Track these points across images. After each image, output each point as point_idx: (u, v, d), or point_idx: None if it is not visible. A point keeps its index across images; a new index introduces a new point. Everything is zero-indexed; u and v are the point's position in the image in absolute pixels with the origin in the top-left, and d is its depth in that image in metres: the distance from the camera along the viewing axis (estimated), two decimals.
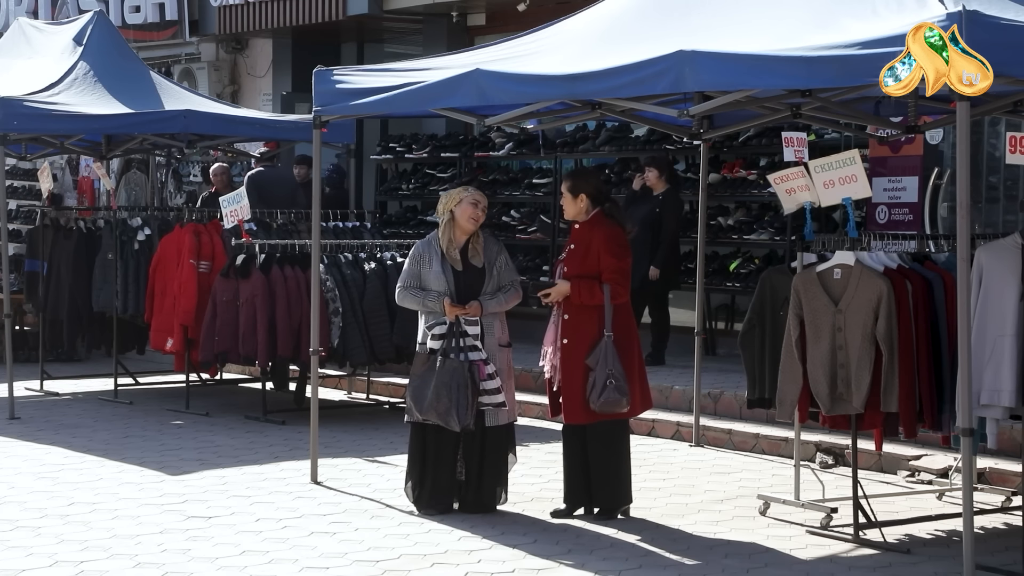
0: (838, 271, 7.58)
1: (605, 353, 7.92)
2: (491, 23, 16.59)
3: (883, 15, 6.75)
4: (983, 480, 8.91)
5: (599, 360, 7.92)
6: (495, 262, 8.24)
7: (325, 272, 11.15)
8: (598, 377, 7.90)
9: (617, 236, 8.16)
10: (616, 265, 8.05)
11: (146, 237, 12.79)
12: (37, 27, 14.49)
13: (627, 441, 8.26)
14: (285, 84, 18.95)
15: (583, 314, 8.02)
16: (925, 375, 7.48)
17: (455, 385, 7.97)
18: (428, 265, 8.20)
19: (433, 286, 8.18)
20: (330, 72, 9.11)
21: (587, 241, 8.08)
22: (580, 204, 8.15)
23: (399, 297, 8.37)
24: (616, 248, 8.09)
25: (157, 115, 12.67)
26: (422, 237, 8.62)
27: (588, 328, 8.01)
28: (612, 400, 7.90)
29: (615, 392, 7.89)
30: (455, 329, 8.06)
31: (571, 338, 8.04)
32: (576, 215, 8.19)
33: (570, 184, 8.22)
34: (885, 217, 12.34)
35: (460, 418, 7.98)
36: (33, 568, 7.08)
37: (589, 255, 8.05)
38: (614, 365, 7.91)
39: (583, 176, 8.47)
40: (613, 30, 8.08)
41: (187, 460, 9.88)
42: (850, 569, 7.22)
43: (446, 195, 8.34)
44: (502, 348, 8.23)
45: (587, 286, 7.99)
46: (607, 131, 14.76)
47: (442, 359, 8.03)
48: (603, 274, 8.01)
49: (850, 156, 8.01)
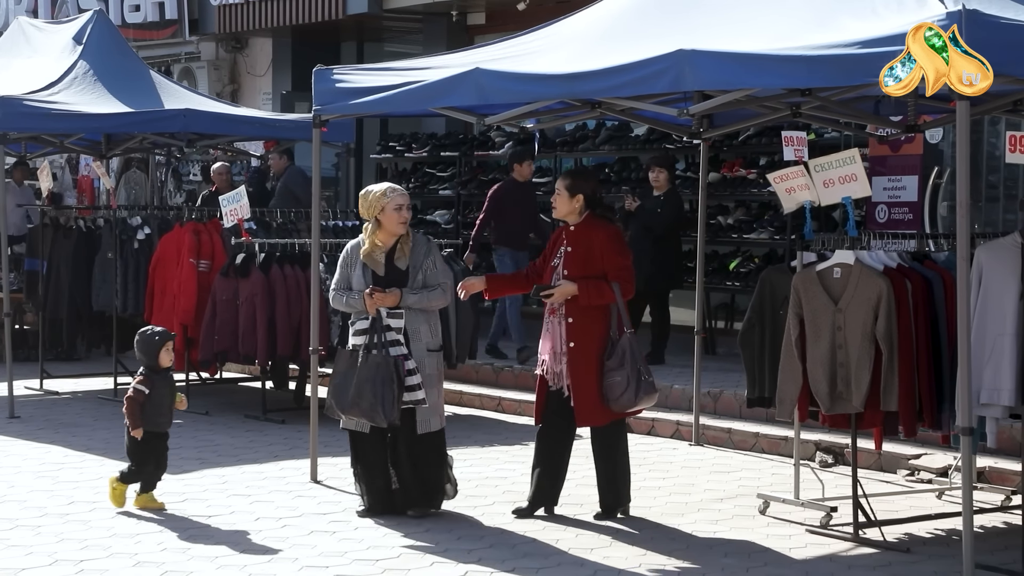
0: (838, 270, 7.58)
1: (631, 350, 7.89)
2: (491, 22, 16.60)
3: (883, 14, 6.75)
4: (983, 479, 8.91)
5: (625, 358, 7.87)
6: (421, 265, 8.10)
7: (325, 271, 11.15)
8: (630, 375, 7.84)
9: (618, 235, 8.17)
10: (623, 263, 8.02)
11: (146, 236, 12.79)
12: (37, 26, 14.49)
13: (627, 439, 8.26)
14: (285, 83, 18.96)
15: (588, 315, 7.97)
16: (925, 374, 7.48)
17: (379, 380, 7.84)
18: (352, 268, 8.14)
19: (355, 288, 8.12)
20: (330, 71, 9.11)
21: (587, 242, 8.03)
22: (575, 204, 8.08)
23: (332, 301, 8.28)
24: (619, 246, 8.08)
25: (157, 114, 12.67)
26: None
27: (594, 329, 7.96)
28: (649, 396, 7.92)
29: (652, 388, 7.92)
30: (377, 325, 7.97)
31: (578, 340, 7.96)
32: (568, 215, 8.12)
33: (568, 183, 8.13)
34: (885, 216, 12.34)
35: (386, 413, 7.86)
36: (33, 567, 7.08)
37: (592, 256, 8.00)
38: (642, 361, 7.92)
39: (583, 176, 8.35)
40: (613, 29, 8.08)
41: (187, 459, 9.88)
42: (850, 568, 7.22)
43: (368, 199, 8.13)
44: (431, 353, 8.08)
45: (595, 286, 7.93)
46: (607, 130, 14.78)
47: (364, 354, 7.93)
48: (610, 273, 7.97)
49: (850, 155, 8.01)
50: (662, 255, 12.81)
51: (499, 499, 8.67)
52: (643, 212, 12.89)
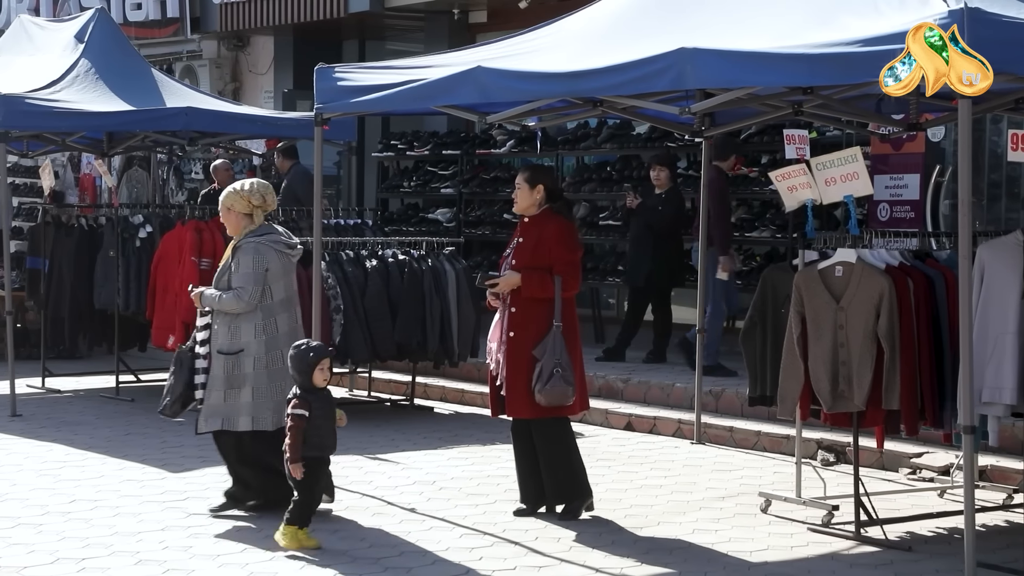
0: (840, 268, 7.58)
1: (554, 343, 7.83)
2: (492, 20, 16.59)
3: (885, 12, 6.74)
4: (985, 477, 8.91)
5: (547, 349, 7.82)
6: (230, 265, 8.11)
7: (327, 269, 11.15)
8: (544, 366, 7.79)
9: (569, 229, 8.11)
10: (568, 257, 7.98)
11: (147, 234, 12.78)
12: (39, 24, 14.49)
13: (572, 435, 8.17)
14: (286, 81, 18.96)
15: (531, 308, 7.93)
16: (927, 372, 7.48)
17: (172, 373, 8.19)
18: None
19: None
20: (331, 69, 9.11)
21: (537, 234, 8.01)
22: (536, 196, 8.06)
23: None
24: (569, 240, 8.03)
25: (159, 112, 12.67)
26: (424, 234, 8.60)
27: (536, 322, 7.92)
28: (558, 390, 7.79)
29: (561, 381, 7.78)
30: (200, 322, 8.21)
31: (518, 331, 7.94)
32: (528, 208, 8.11)
33: (528, 175, 8.14)
34: (887, 214, 12.34)
35: (164, 405, 8.19)
36: (35, 565, 7.08)
37: (540, 247, 7.96)
38: (562, 355, 7.82)
39: (542, 169, 8.41)
40: (615, 28, 8.08)
41: (189, 457, 9.88)
42: (851, 567, 7.22)
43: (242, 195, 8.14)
44: (220, 355, 8.03)
45: (538, 277, 7.91)
46: (608, 128, 14.77)
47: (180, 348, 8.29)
48: (555, 266, 7.94)
49: (852, 153, 8.01)
50: (663, 253, 12.82)
51: (501, 497, 8.67)
52: (644, 210, 12.89)
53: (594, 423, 11.33)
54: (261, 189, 8.14)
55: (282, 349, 7.91)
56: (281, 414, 7.71)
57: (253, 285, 7.97)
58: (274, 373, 7.99)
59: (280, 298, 8.08)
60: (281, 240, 8.17)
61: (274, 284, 8.05)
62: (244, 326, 8.01)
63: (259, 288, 7.98)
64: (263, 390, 8.01)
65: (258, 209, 8.12)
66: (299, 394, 7.44)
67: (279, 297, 8.08)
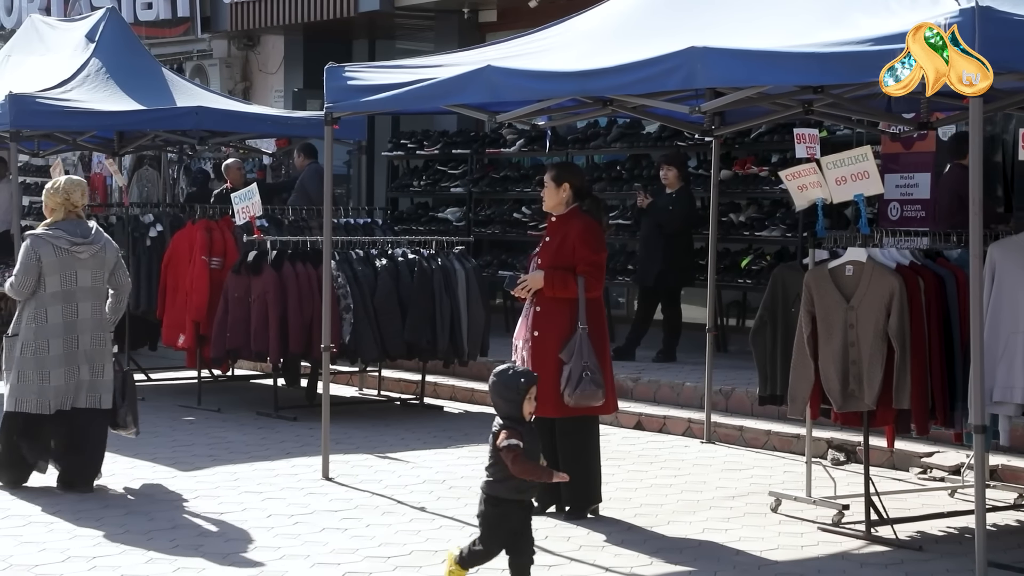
0: (850, 268, 7.57)
1: (580, 345, 7.84)
2: (502, 20, 16.61)
3: (896, 11, 6.73)
4: (995, 477, 8.89)
5: (574, 352, 7.83)
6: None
7: (336, 268, 11.16)
8: (573, 369, 7.80)
9: (594, 229, 8.09)
10: (591, 257, 7.98)
11: (158, 233, 12.81)
12: (50, 24, 14.53)
13: (597, 437, 8.19)
14: (297, 81, 18.99)
15: (555, 307, 7.95)
16: (937, 372, 7.47)
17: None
18: None
19: None
20: (342, 69, 9.11)
21: (562, 233, 8.02)
22: (562, 194, 8.07)
23: None
24: (592, 240, 8.02)
25: (169, 112, 12.70)
26: (433, 233, 8.63)
27: (560, 321, 7.93)
28: (588, 392, 7.80)
29: (591, 384, 7.79)
30: None
31: (542, 330, 7.95)
32: (555, 207, 8.11)
33: (554, 173, 8.13)
34: (897, 214, 12.32)
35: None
36: (47, 563, 7.10)
37: (564, 247, 7.97)
38: (589, 357, 7.83)
39: (569, 167, 8.41)
40: (624, 27, 8.08)
41: (199, 456, 9.89)
42: (862, 566, 7.21)
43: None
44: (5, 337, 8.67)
45: (560, 277, 7.92)
46: (618, 128, 14.78)
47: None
48: (578, 266, 7.95)
49: (862, 152, 8.00)
50: (674, 252, 12.83)
51: None
52: (655, 209, 12.89)
53: (604, 422, 11.24)
54: (67, 187, 8.66)
55: (50, 339, 8.51)
56: (44, 399, 8.50)
57: (23, 275, 8.52)
58: (41, 360, 8.51)
59: (54, 291, 8.54)
60: (63, 236, 8.57)
61: (49, 277, 8.52)
62: (24, 313, 8.61)
63: (29, 278, 8.51)
64: (28, 375, 8.54)
65: (60, 206, 8.63)
66: (507, 424, 6.25)
67: (52, 290, 8.53)
